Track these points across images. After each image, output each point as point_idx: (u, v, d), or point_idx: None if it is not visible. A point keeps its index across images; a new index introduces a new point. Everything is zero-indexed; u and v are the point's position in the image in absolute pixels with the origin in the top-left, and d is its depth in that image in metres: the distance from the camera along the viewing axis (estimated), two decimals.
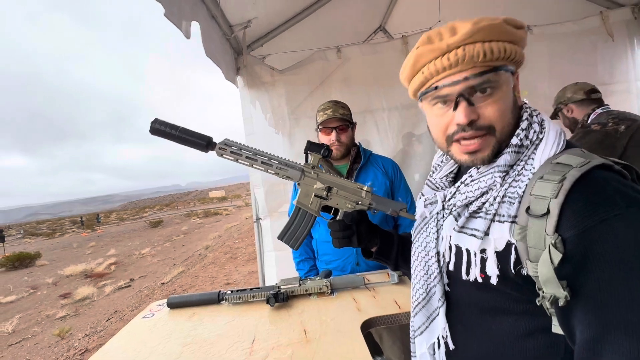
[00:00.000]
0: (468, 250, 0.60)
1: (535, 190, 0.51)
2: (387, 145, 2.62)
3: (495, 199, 0.56)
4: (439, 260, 0.67)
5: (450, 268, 0.64)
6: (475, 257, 0.58)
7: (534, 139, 0.58)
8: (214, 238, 13.28)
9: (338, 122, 1.52)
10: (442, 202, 0.67)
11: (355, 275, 1.27)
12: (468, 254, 0.60)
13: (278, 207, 2.46)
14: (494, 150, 0.59)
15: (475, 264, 0.58)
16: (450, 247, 0.64)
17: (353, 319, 0.99)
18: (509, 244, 0.54)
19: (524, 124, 0.59)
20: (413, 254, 0.75)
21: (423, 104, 0.65)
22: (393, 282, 1.23)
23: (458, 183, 0.64)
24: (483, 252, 0.57)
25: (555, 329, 0.52)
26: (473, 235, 0.58)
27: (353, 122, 1.60)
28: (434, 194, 0.70)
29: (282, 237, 1.01)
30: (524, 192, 0.54)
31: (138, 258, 11.51)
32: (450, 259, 0.64)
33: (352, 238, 0.92)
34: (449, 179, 0.72)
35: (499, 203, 0.56)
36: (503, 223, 0.55)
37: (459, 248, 0.62)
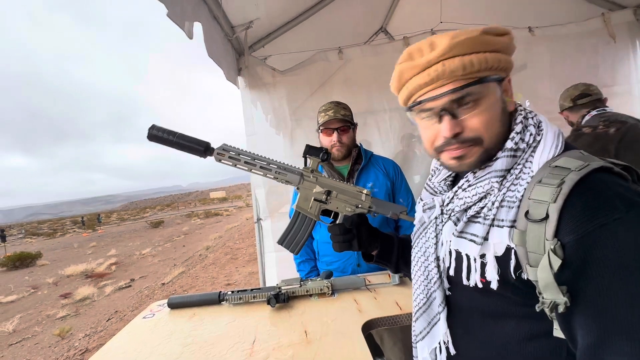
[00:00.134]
0: (468, 256, 0.59)
1: (534, 195, 0.51)
2: (388, 146, 2.61)
3: (494, 204, 0.56)
4: (439, 266, 0.67)
5: (451, 273, 0.64)
6: (475, 262, 0.58)
7: (531, 142, 0.57)
8: (215, 239, 13.29)
9: (339, 123, 1.52)
10: (440, 206, 0.67)
11: (356, 276, 1.27)
12: (468, 259, 0.60)
13: (279, 207, 2.46)
14: (481, 158, 0.59)
15: (476, 269, 0.58)
16: (450, 252, 0.63)
17: (354, 320, 0.98)
18: (509, 249, 0.54)
19: (518, 127, 0.58)
20: (413, 259, 0.75)
21: (412, 115, 0.65)
22: (394, 283, 1.23)
23: (455, 188, 0.64)
24: (483, 257, 0.57)
25: (557, 333, 0.52)
26: (472, 241, 0.58)
27: (354, 123, 1.60)
28: (432, 199, 0.70)
29: (282, 241, 1.01)
30: (523, 196, 0.53)
31: (139, 258, 11.52)
32: (451, 264, 0.64)
33: (352, 242, 0.92)
34: (447, 183, 0.72)
35: (498, 208, 0.56)
36: (502, 228, 0.55)
37: (459, 253, 0.61)
